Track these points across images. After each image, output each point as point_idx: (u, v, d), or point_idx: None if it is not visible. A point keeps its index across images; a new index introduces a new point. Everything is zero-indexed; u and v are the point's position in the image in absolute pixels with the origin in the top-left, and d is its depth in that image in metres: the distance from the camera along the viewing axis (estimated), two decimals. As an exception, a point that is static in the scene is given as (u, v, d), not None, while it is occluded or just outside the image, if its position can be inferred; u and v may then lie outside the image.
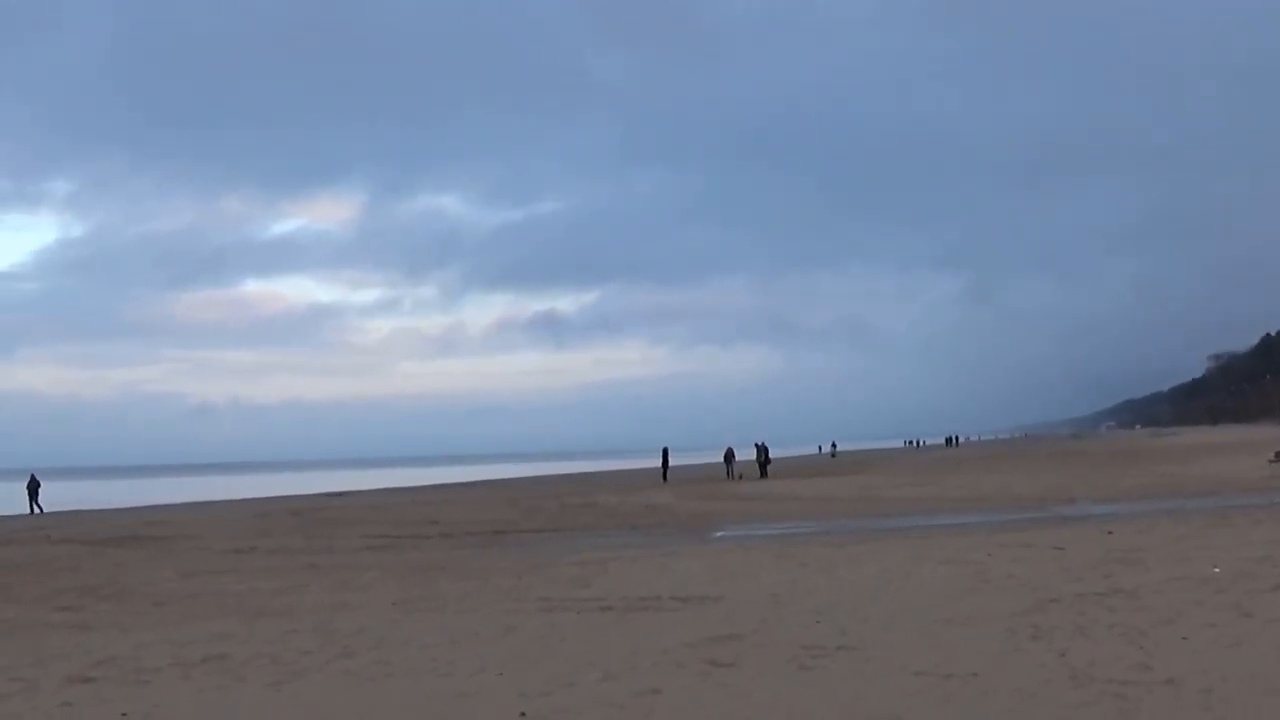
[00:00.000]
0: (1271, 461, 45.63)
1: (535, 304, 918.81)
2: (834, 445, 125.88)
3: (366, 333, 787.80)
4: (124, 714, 10.79)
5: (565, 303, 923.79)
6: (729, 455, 67.78)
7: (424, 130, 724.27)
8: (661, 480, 63.50)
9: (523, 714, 10.05)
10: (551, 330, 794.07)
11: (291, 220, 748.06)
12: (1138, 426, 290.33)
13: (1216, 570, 16.58)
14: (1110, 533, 22.44)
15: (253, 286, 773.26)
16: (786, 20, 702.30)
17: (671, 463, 70.41)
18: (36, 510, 58.23)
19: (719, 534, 28.81)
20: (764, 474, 64.29)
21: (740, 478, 62.51)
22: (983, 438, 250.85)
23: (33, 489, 60.11)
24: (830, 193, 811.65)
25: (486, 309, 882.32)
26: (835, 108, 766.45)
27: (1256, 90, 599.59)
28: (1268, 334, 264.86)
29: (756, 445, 68.61)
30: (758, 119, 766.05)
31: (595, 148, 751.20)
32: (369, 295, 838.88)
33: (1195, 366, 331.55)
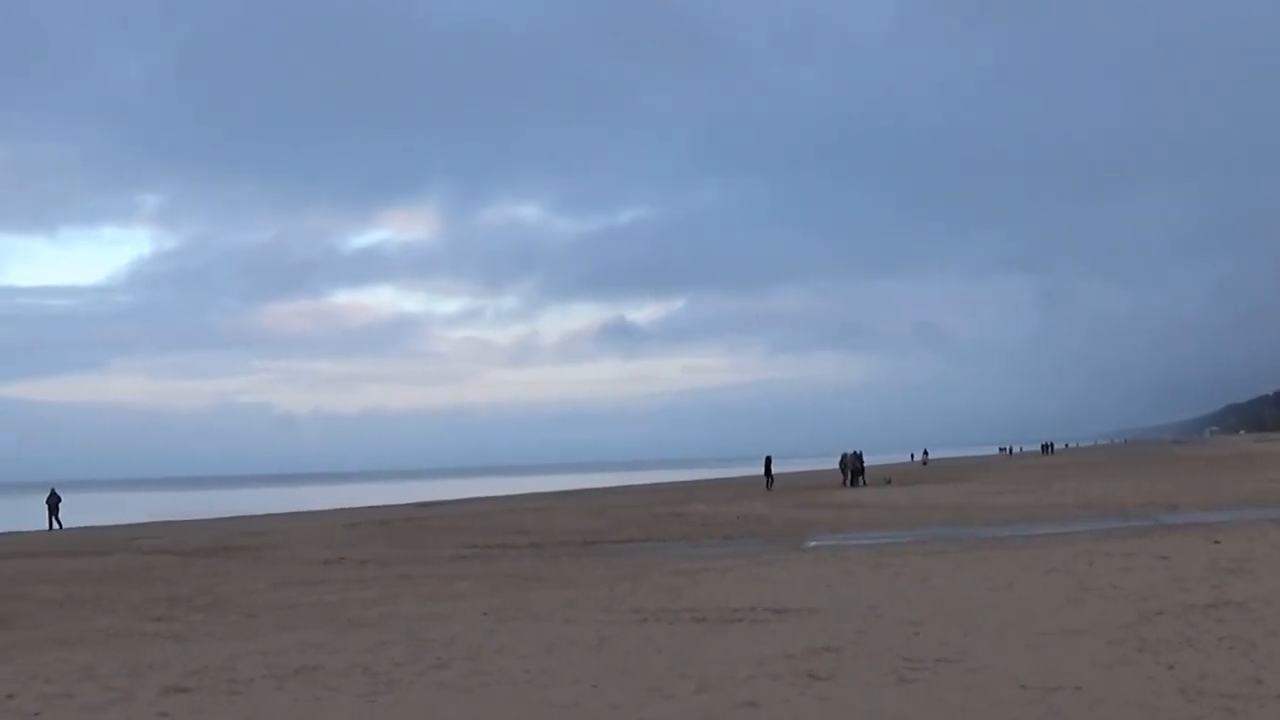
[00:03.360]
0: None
1: (615, 313, 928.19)
2: (925, 453, 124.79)
3: (450, 342, 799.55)
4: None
5: (644, 311, 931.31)
6: (845, 463, 66.85)
7: (498, 143, 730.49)
8: (766, 489, 63.28)
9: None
10: (631, 339, 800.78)
11: (375, 232, 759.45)
12: (1242, 431, 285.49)
13: (1330, 580, 16.15)
14: (1217, 542, 21.93)
15: (339, 297, 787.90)
16: (853, 30, 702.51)
17: (754, 472, 69.95)
18: (56, 526, 56.46)
19: (813, 543, 28.53)
20: (861, 482, 63.68)
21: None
22: (1081, 444, 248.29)
23: (53, 504, 58.11)
24: (902, 200, 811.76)
25: (566, 318, 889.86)
26: (904, 116, 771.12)
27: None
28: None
29: (845, 455, 67.79)
30: (828, 128, 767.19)
31: (669, 158, 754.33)
32: (452, 305, 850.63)
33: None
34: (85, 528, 54.14)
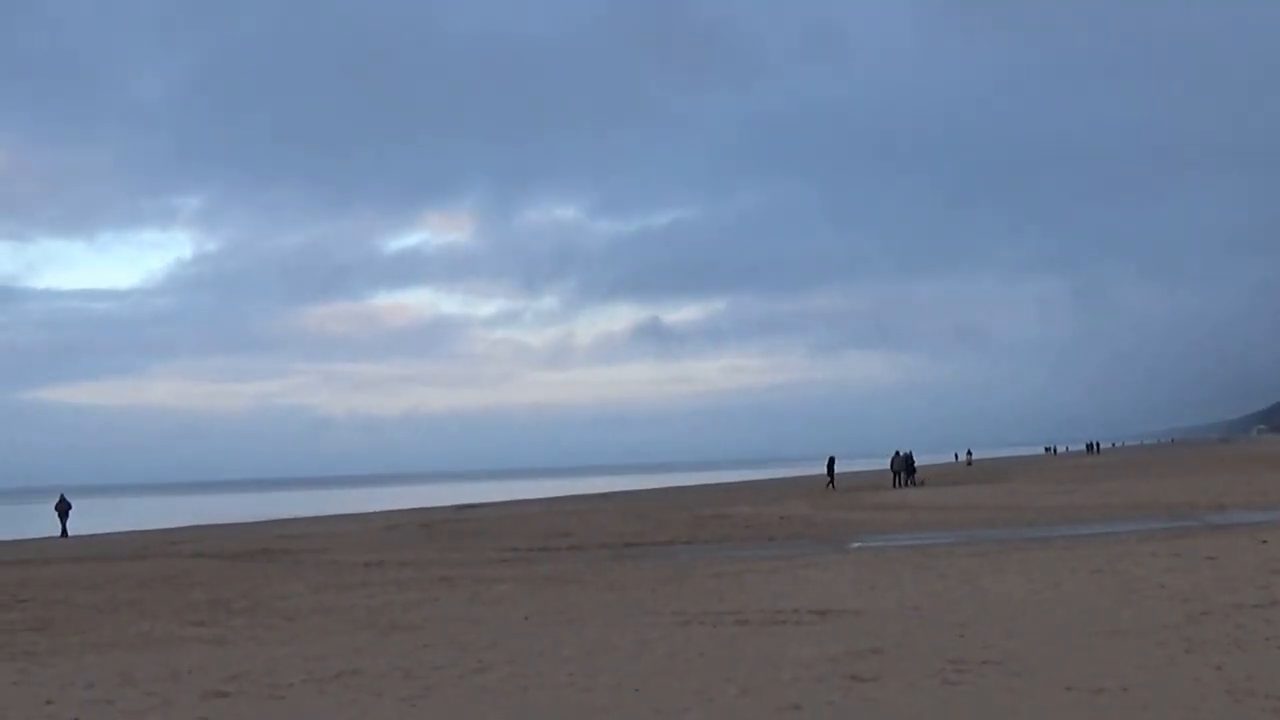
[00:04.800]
0: None
1: (653, 314, 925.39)
2: (969, 453, 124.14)
3: (488, 343, 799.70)
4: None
5: (683, 312, 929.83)
6: (895, 463, 66.54)
7: (534, 146, 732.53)
8: (827, 488, 63.45)
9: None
10: (669, 340, 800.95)
11: (414, 234, 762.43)
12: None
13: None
14: (1265, 542, 21.69)
15: (378, 299, 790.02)
16: (874, 35, 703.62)
17: (796, 473, 69.96)
18: (66, 533, 55.33)
19: (856, 544, 28.37)
20: (911, 483, 63.46)
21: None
22: (1126, 443, 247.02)
23: (63, 510, 56.83)
24: (939, 201, 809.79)
25: (605, 319, 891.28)
26: (937, 119, 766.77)
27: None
28: None
29: (896, 454, 67.39)
30: (862, 132, 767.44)
31: (704, 161, 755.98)
32: (490, 307, 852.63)
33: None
34: (124, 532, 54.48)
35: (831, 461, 69.86)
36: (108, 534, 53.97)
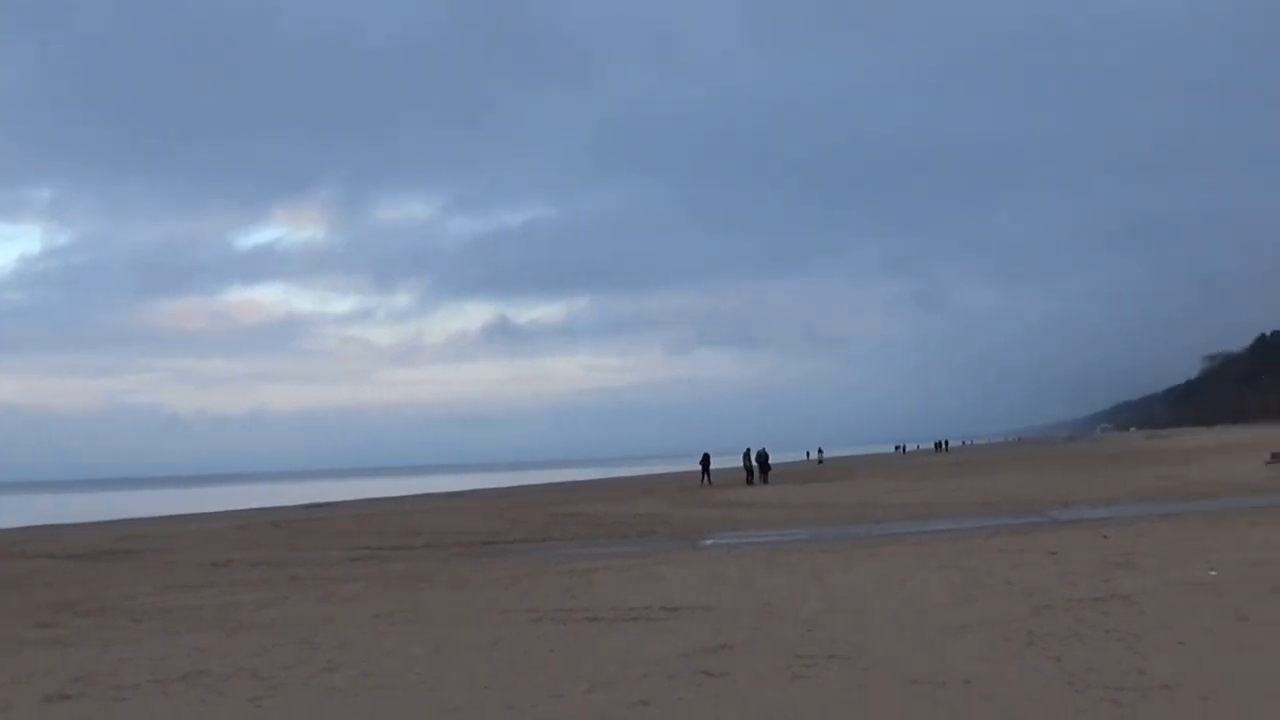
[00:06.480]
0: (1268, 463, 45.43)
1: (509, 312, 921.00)
2: (820, 451, 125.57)
3: (342, 341, 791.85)
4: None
5: (539, 311, 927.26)
6: (748, 460, 67.27)
7: (385, 143, 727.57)
8: (701, 483, 64.50)
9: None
10: (525, 339, 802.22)
11: (268, 230, 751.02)
12: (1132, 429, 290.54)
13: (1213, 574, 16.42)
14: (1106, 537, 22.23)
15: (230, 296, 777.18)
16: (719, 35, 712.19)
17: (652, 471, 70.32)
18: None
19: (709, 542, 28.54)
20: (764, 480, 64.12)
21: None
22: (975, 442, 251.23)
23: None
24: (789, 204, 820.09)
25: (460, 318, 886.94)
26: (792, 123, 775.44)
27: (1216, 103, 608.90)
28: (1262, 334, 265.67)
29: (748, 452, 68.02)
30: (719, 132, 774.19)
31: (558, 160, 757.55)
32: (344, 304, 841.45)
33: (1190, 368, 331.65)
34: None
35: (706, 458, 70.27)
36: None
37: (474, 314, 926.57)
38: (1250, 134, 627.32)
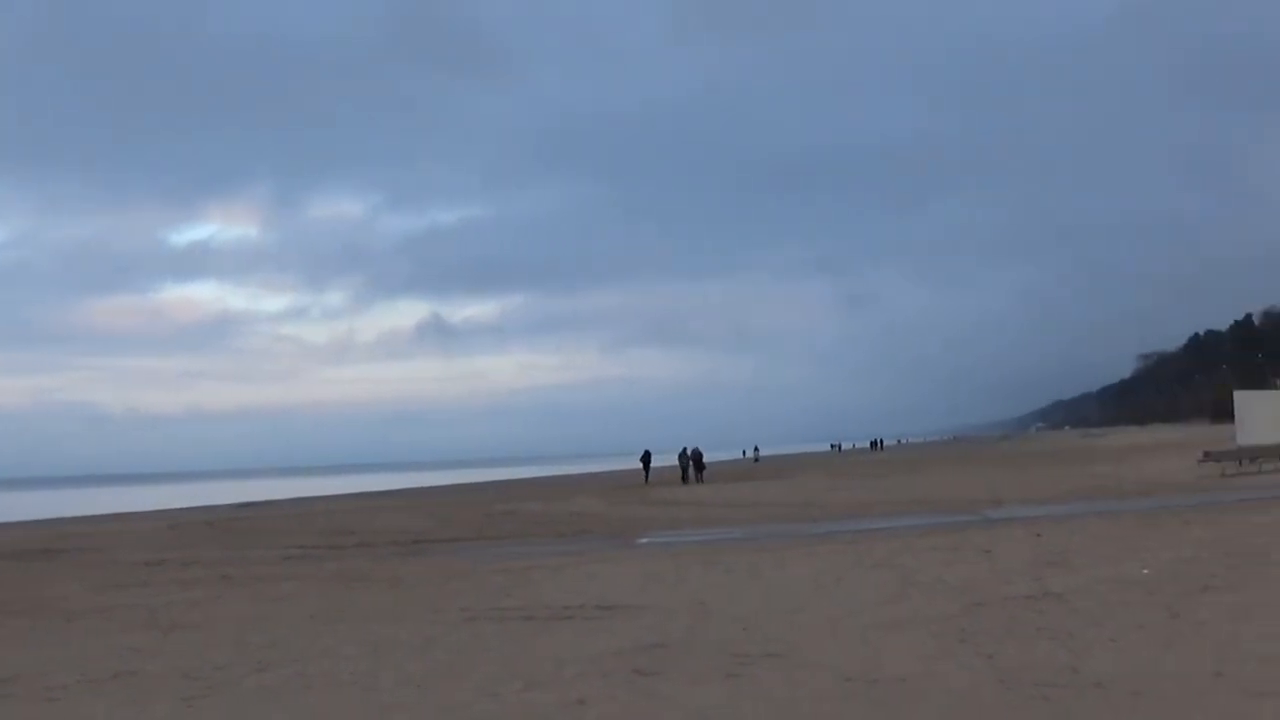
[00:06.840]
0: (1201, 462, 45.85)
1: (443, 311, 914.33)
2: (756, 450, 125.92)
3: (275, 339, 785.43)
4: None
5: (472, 309, 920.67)
6: (684, 459, 67.39)
7: (317, 140, 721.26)
8: (644, 482, 64.79)
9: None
10: (459, 337, 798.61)
11: (201, 227, 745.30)
12: (1066, 428, 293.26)
13: (1146, 572, 16.59)
14: (1039, 535, 22.40)
15: (163, 293, 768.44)
16: (641, 35, 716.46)
17: (588, 470, 70.41)
18: None
19: (644, 540, 28.56)
20: (699, 479, 64.30)
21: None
22: (910, 441, 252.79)
23: None
24: (722, 201, 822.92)
25: (393, 316, 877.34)
26: (722, 123, 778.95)
27: (1145, 106, 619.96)
28: (1196, 334, 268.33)
29: (684, 450, 68.08)
30: (650, 132, 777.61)
31: (492, 159, 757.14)
32: (277, 302, 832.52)
33: (1124, 367, 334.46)
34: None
35: (647, 455, 70.30)
36: None
37: (408, 312, 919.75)
38: (1180, 137, 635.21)
